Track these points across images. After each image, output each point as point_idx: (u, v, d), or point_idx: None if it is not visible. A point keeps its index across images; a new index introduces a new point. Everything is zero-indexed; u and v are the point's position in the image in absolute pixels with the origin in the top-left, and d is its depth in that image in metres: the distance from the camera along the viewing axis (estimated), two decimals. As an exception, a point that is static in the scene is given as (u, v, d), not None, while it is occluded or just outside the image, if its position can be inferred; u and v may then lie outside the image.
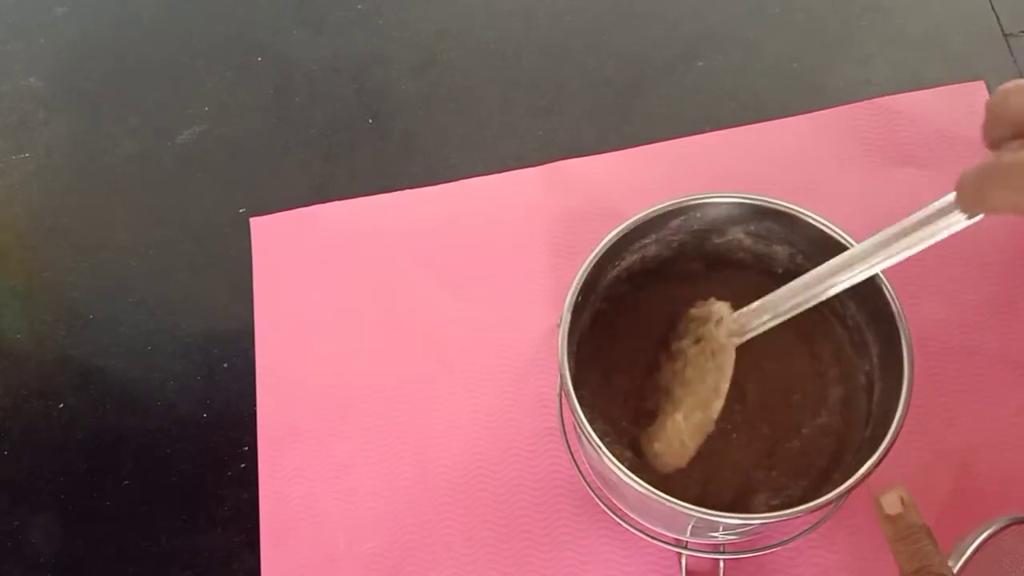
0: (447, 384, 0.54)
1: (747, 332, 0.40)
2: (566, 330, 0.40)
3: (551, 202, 0.58)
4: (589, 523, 0.50)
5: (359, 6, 0.66)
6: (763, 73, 0.61)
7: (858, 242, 0.39)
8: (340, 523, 0.52)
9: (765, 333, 0.40)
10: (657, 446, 0.41)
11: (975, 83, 0.59)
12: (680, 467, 0.41)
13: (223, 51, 0.65)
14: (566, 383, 0.39)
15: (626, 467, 0.37)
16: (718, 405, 0.39)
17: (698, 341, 0.41)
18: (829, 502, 0.36)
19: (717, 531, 0.42)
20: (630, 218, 0.42)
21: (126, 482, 0.54)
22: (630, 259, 0.43)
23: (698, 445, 0.40)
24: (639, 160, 0.59)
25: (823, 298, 0.38)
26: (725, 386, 0.39)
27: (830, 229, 0.40)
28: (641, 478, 0.37)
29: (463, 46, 0.64)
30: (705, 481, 0.42)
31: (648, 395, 0.44)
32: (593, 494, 0.48)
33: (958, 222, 0.34)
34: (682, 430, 0.40)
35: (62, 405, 0.56)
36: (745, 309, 0.40)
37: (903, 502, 0.36)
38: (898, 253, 0.36)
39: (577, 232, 0.57)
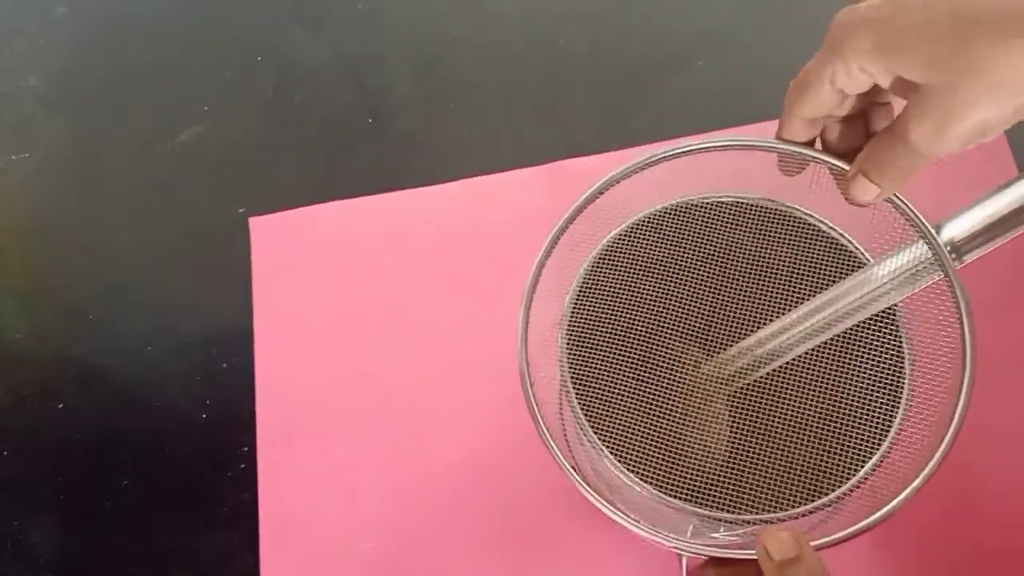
0: (447, 384, 0.54)
1: (734, 379, 0.40)
2: (566, 330, 0.40)
3: (551, 202, 0.58)
4: (589, 523, 0.50)
5: (359, 6, 0.66)
6: (763, 73, 0.61)
7: (860, 245, 0.39)
8: (340, 523, 0.52)
9: None
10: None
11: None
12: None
13: (223, 51, 0.65)
14: (566, 382, 0.39)
15: (626, 468, 0.37)
16: (720, 450, 0.39)
17: (690, 386, 0.41)
18: (829, 502, 0.36)
19: (718, 532, 0.42)
20: (630, 218, 0.42)
21: (126, 482, 0.54)
22: (630, 259, 0.43)
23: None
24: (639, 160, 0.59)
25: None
26: (724, 433, 0.39)
27: (835, 231, 0.40)
28: (641, 478, 0.37)
29: (463, 46, 0.64)
30: (706, 481, 0.42)
31: (649, 396, 0.44)
32: (594, 495, 0.48)
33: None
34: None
35: (62, 405, 0.56)
36: (725, 354, 0.40)
37: (799, 543, 0.32)
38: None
39: (577, 232, 0.57)
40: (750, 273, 0.44)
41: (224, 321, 0.57)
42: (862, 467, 0.37)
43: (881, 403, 0.39)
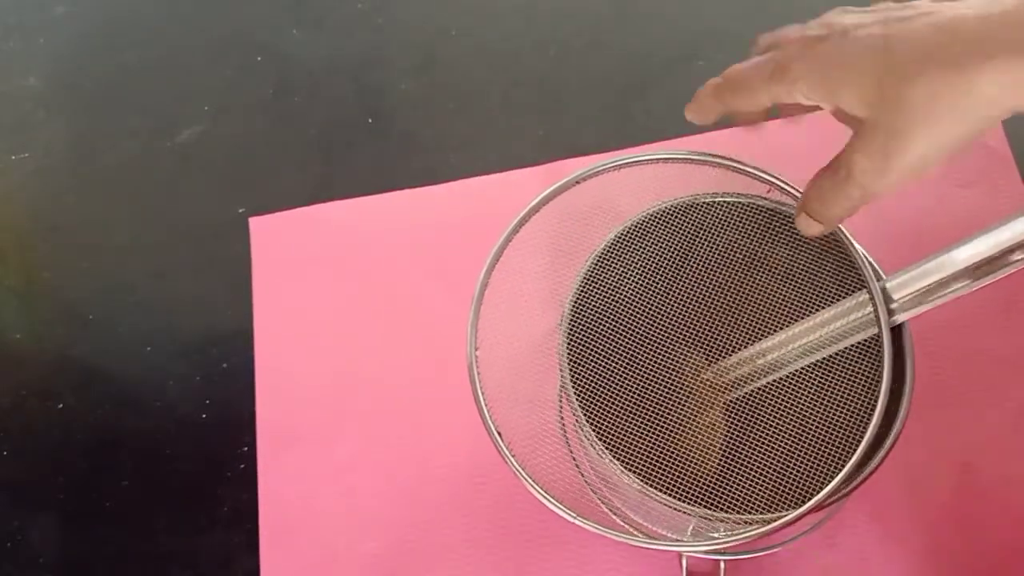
0: (447, 384, 0.54)
1: (734, 387, 0.40)
2: (566, 330, 0.40)
3: (550, 202, 0.58)
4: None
5: (359, 6, 0.66)
6: (763, 73, 0.61)
7: (862, 246, 0.39)
8: (340, 523, 0.52)
9: None
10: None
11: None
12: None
13: (223, 51, 0.65)
14: (566, 383, 0.39)
15: (625, 467, 0.37)
16: (714, 456, 0.40)
17: (690, 391, 0.41)
18: (830, 503, 0.36)
19: (718, 532, 0.42)
20: (630, 218, 0.42)
21: (126, 482, 0.54)
22: (630, 259, 0.43)
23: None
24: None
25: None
26: (720, 441, 0.39)
27: (845, 238, 0.40)
28: (640, 478, 0.37)
29: (463, 46, 0.64)
30: (702, 483, 0.42)
31: (649, 396, 0.44)
32: (593, 494, 0.48)
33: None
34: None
35: (62, 405, 0.56)
36: (725, 362, 0.40)
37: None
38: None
39: (577, 232, 0.57)
40: (755, 277, 0.44)
41: (224, 321, 0.57)
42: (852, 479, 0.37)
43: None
